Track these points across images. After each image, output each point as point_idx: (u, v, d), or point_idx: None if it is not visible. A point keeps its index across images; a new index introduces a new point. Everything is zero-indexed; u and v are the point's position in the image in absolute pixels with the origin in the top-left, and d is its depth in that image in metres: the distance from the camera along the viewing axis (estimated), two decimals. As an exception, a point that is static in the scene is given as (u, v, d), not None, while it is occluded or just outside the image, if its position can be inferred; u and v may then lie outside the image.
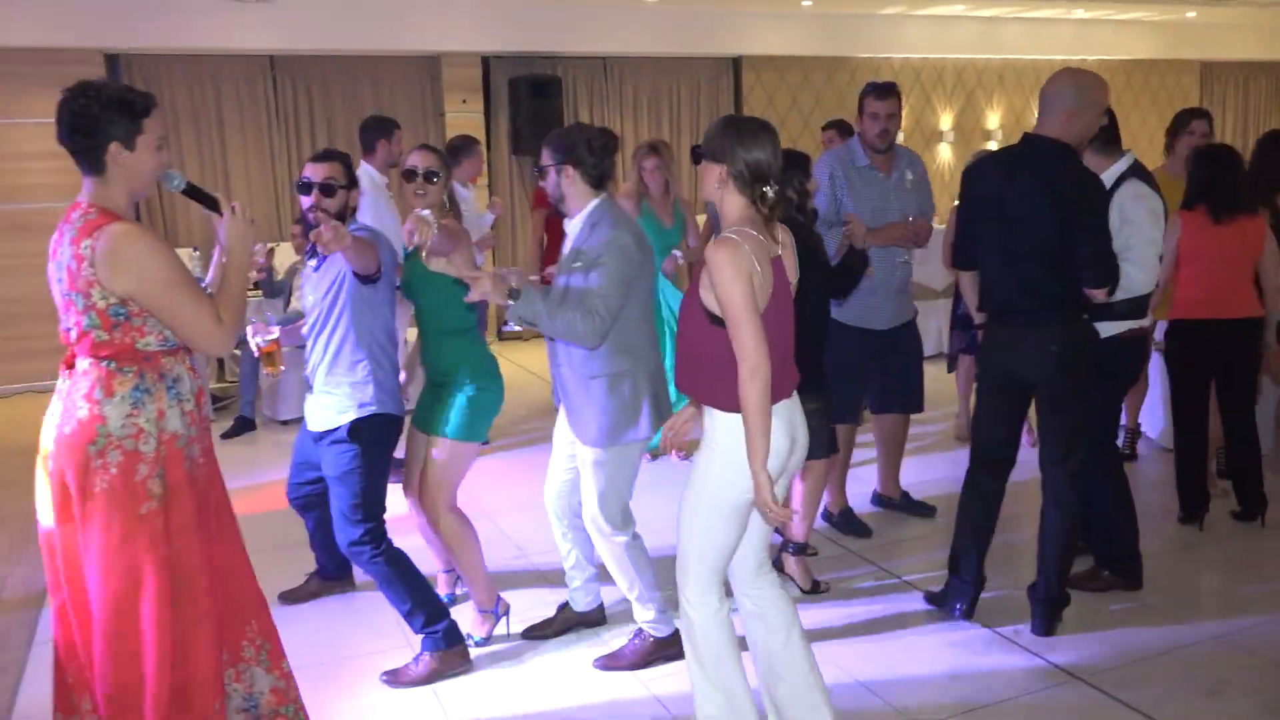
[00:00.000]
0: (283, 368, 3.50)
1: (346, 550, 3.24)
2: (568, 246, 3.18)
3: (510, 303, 2.92)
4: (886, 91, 4.18)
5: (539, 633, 3.55)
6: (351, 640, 3.59)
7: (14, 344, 7.69)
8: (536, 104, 8.80)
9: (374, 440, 3.21)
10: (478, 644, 3.46)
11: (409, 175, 3.34)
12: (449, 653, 3.27)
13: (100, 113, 2.32)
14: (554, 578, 4.02)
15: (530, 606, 3.73)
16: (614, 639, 3.48)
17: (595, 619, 3.58)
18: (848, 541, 4.35)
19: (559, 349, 3.20)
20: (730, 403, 2.49)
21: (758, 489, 2.46)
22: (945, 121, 10.90)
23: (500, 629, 3.54)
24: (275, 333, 3.41)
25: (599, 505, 3.22)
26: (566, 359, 3.18)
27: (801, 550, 3.84)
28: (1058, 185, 3.23)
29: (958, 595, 3.55)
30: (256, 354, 3.45)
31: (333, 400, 3.22)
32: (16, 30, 7.44)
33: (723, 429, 2.54)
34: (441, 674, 3.25)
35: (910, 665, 3.30)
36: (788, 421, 2.60)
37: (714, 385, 2.52)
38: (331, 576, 3.91)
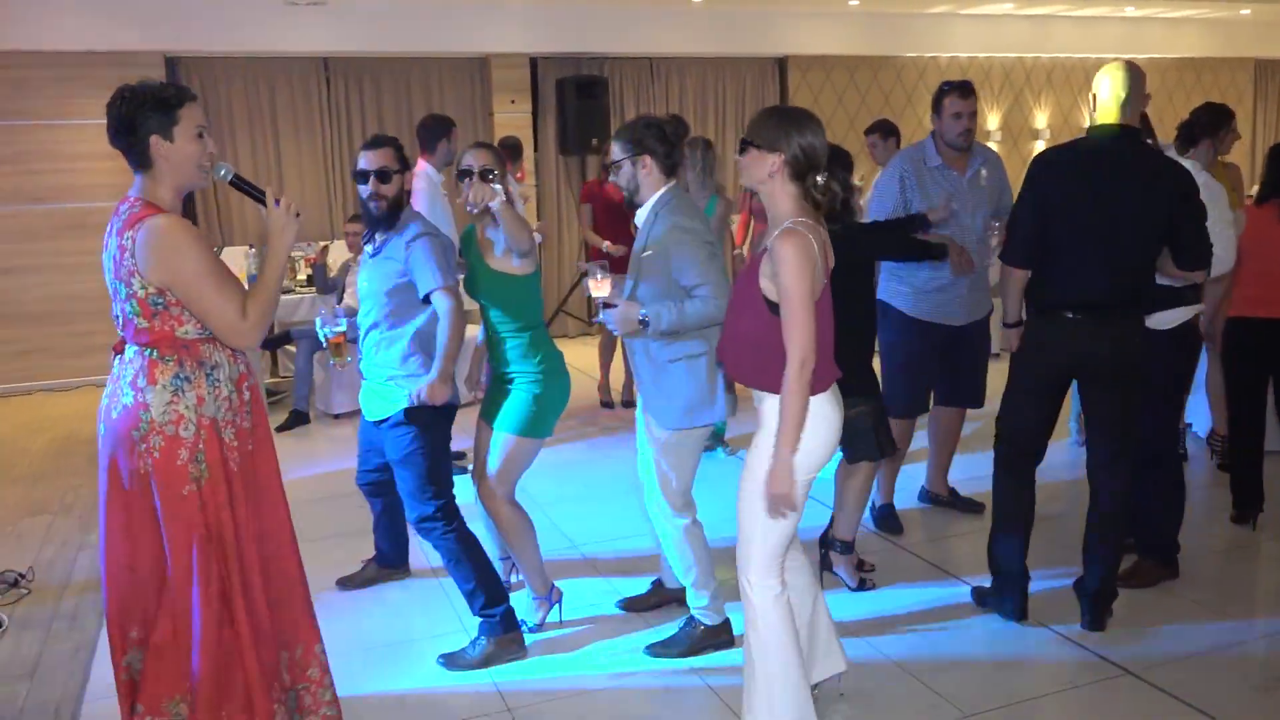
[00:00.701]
0: (349, 359, 3.56)
1: (417, 527, 3.32)
2: (638, 236, 3.24)
3: (647, 327, 3.05)
4: (969, 90, 4.14)
5: (636, 605, 3.69)
6: (409, 624, 3.67)
7: (75, 340, 7.91)
8: (583, 104, 8.89)
9: (430, 422, 3.30)
10: (531, 630, 3.52)
11: (465, 174, 3.30)
12: (505, 638, 3.34)
13: (136, 110, 2.45)
14: (604, 568, 4.09)
15: (582, 594, 3.81)
16: (666, 627, 3.53)
17: (684, 597, 3.57)
18: (894, 535, 4.37)
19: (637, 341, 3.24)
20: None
21: (779, 473, 2.51)
22: (992, 121, 10.82)
23: (553, 615, 3.61)
24: (343, 324, 3.47)
25: (662, 487, 3.28)
26: (644, 346, 3.23)
27: (849, 549, 3.85)
28: (1160, 174, 3.23)
29: (1009, 596, 3.50)
30: (325, 345, 3.51)
31: (388, 388, 3.32)
32: (77, 34, 7.66)
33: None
34: (497, 658, 3.32)
35: (958, 656, 3.32)
36: (839, 419, 2.67)
37: (776, 370, 2.54)
38: (390, 563, 3.99)
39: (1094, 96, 3.32)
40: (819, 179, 2.55)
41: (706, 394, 3.19)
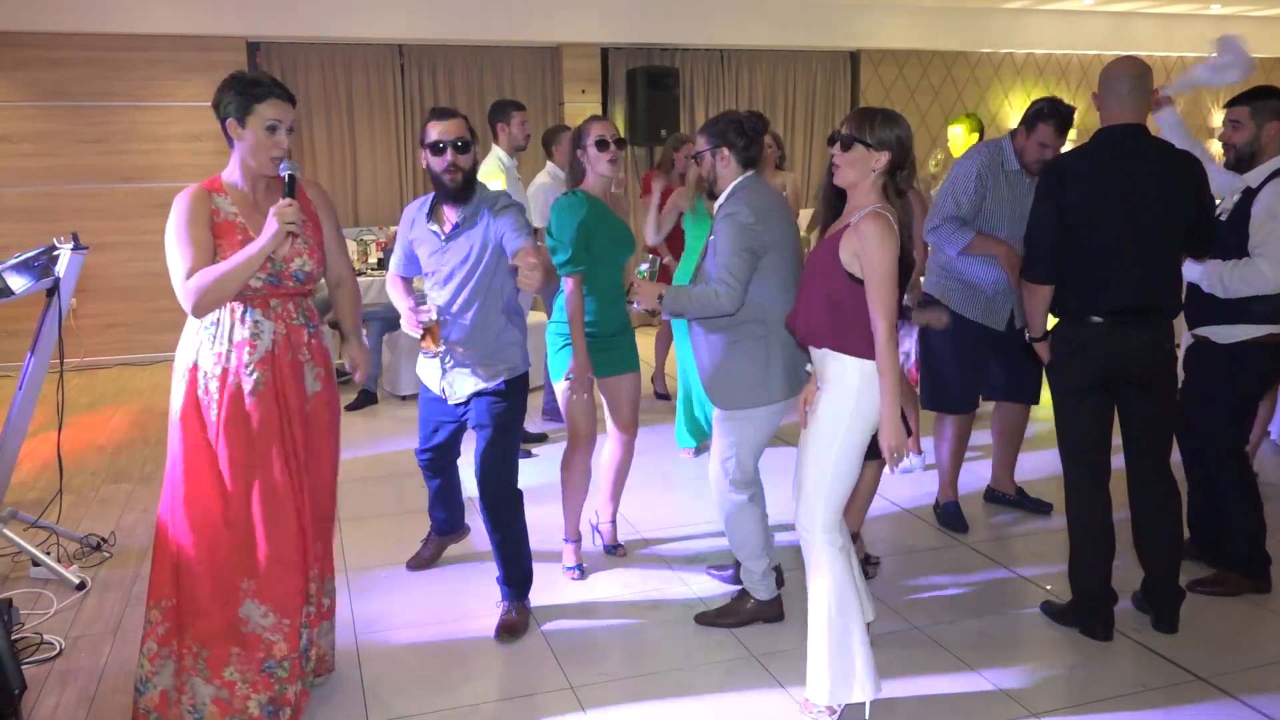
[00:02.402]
0: (442, 347, 3.40)
1: (496, 501, 3.38)
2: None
3: (660, 304, 3.28)
4: (1067, 126, 4.03)
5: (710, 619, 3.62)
6: (469, 604, 3.73)
7: (156, 316, 8.17)
8: (653, 95, 8.90)
9: (522, 396, 3.42)
10: (579, 571, 3.84)
11: (603, 144, 3.61)
12: (526, 604, 3.55)
13: (222, 93, 2.69)
14: (667, 555, 4.12)
15: (645, 580, 3.87)
16: (716, 599, 3.61)
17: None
18: (960, 533, 4.33)
19: (697, 321, 3.36)
20: (868, 350, 2.72)
21: (893, 432, 2.70)
22: (1069, 119, 10.60)
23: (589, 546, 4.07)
24: (434, 312, 3.33)
25: (722, 461, 3.38)
26: (703, 328, 3.34)
27: (854, 539, 3.76)
28: (1179, 165, 3.20)
29: (1093, 618, 3.39)
30: (419, 331, 3.35)
31: (482, 367, 3.35)
32: (164, 18, 7.88)
33: (857, 372, 2.76)
34: (526, 622, 3.49)
35: (1026, 656, 3.29)
36: None
37: (853, 333, 2.74)
38: (449, 529, 4.00)
39: (1101, 95, 3.25)
40: (903, 174, 2.78)
41: (764, 375, 3.26)
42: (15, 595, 3.67)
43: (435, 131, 3.21)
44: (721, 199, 3.33)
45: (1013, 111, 10.49)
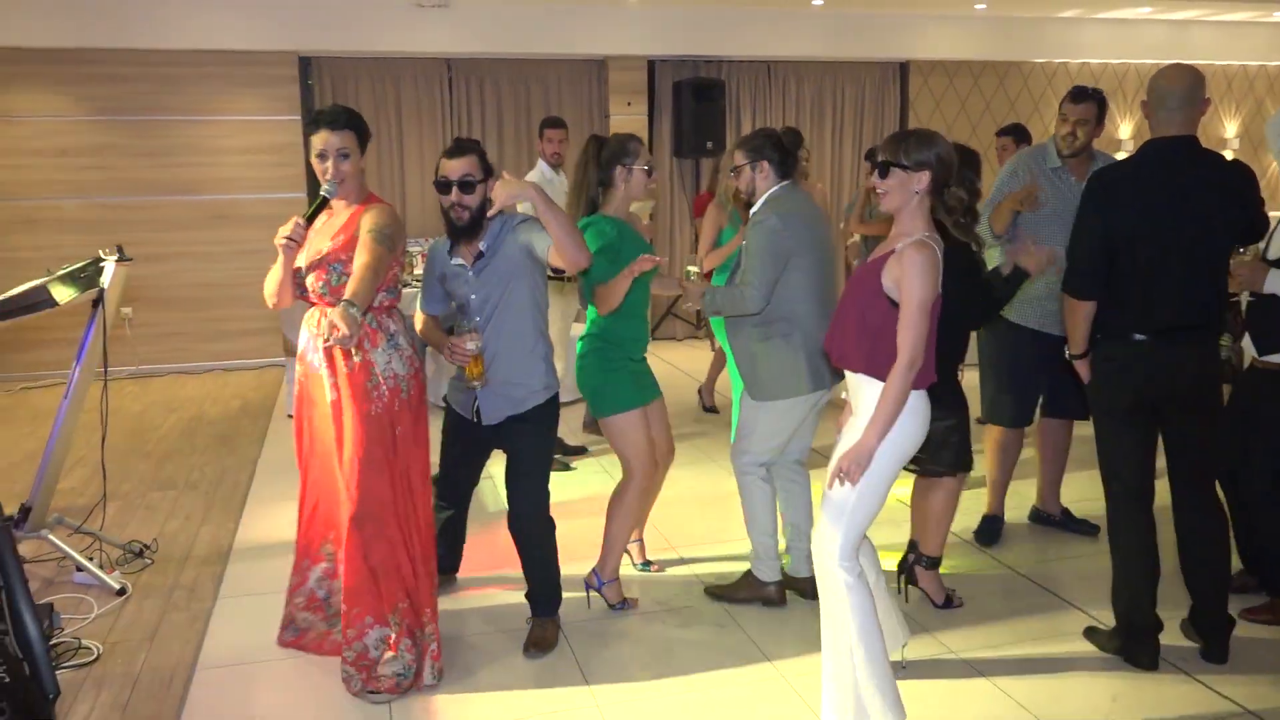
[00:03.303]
0: (487, 378, 3.29)
1: (531, 520, 3.36)
2: None
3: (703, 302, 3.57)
4: (1080, 96, 4.13)
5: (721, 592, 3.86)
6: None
7: (210, 325, 8.35)
8: (699, 107, 8.89)
9: (554, 419, 3.42)
10: (625, 605, 3.78)
11: (651, 171, 3.65)
12: (556, 620, 3.55)
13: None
14: (700, 568, 4.08)
15: (675, 596, 3.84)
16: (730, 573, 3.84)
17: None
18: (1003, 555, 4.23)
19: (733, 318, 3.62)
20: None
21: (860, 453, 2.66)
22: (1125, 130, 10.40)
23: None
24: (479, 340, 3.21)
25: (742, 439, 3.67)
26: (738, 326, 3.61)
27: (935, 564, 3.75)
28: (1228, 175, 3.12)
29: (1139, 648, 3.29)
30: (465, 361, 3.21)
31: (514, 388, 3.31)
32: (218, 35, 8.05)
33: None
34: (555, 637, 3.49)
35: (1067, 684, 3.19)
36: (928, 418, 2.80)
37: (888, 359, 2.68)
38: (444, 569, 3.77)
39: (1150, 105, 3.17)
40: (950, 190, 2.76)
41: (790, 370, 3.49)
42: (57, 600, 3.74)
43: (442, 169, 3.22)
44: (757, 207, 3.54)
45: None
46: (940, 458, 3.60)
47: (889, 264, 2.70)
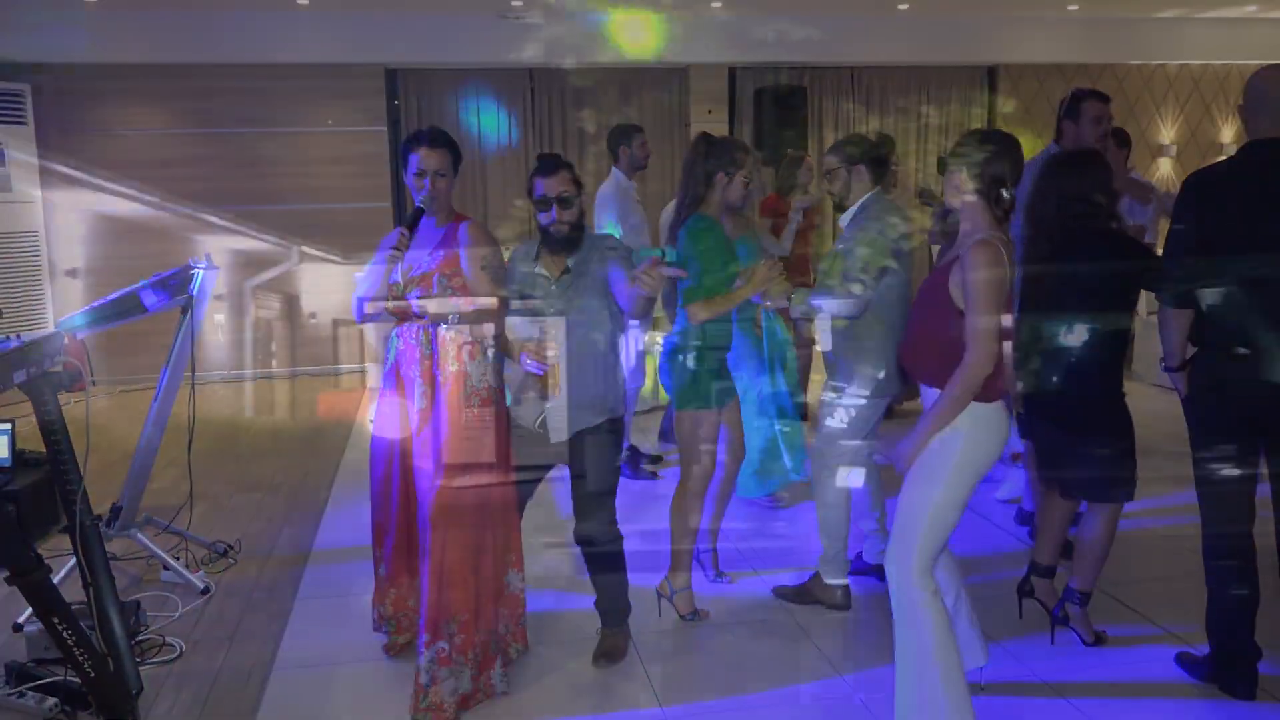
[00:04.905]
0: (561, 390, 3.32)
1: (594, 540, 3.35)
2: (844, 231, 3.69)
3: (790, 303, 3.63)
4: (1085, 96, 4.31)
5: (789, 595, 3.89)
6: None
7: (298, 332, 8.54)
8: (780, 113, 8.82)
9: (620, 434, 3.41)
10: (695, 616, 3.73)
11: (749, 180, 3.72)
12: (625, 629, 3.51)
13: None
14: (739, 561, 4.03)
15: (747, 608, 3.79)
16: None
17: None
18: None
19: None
20: (981, 393, 2.63)
21: (913, 449, 2.66)
22: (1226, 134, 9.98)
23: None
24: (556, 350, 3.23)
25: (823, 434, 3.73)
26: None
27: (1085, 601, 3.48)
28: None
29: (1235, 676, 3.13)
30: (542, 371, 3.21)
31: (586, 406, 3.29)
32: (308, 49, 8.28)
33: (966, 413, 2.65)
34: (625, 647, 3.47)
35: (1157, 712, 3.05)
36: (1007, 431, 2.72)
37: None
38: None
39: (1248, 107, 2.99)
40: (1004, 192, 2.69)
41: (877, 371, 3.60)
42: (144, 598, 3.86)
43: (539, 186, 3.26)
44: (852, 211, 3.64)
45: (1164, 128, 9.94)
46: (1096, 487, 3.36)
47: (954, 270, 2.66)
